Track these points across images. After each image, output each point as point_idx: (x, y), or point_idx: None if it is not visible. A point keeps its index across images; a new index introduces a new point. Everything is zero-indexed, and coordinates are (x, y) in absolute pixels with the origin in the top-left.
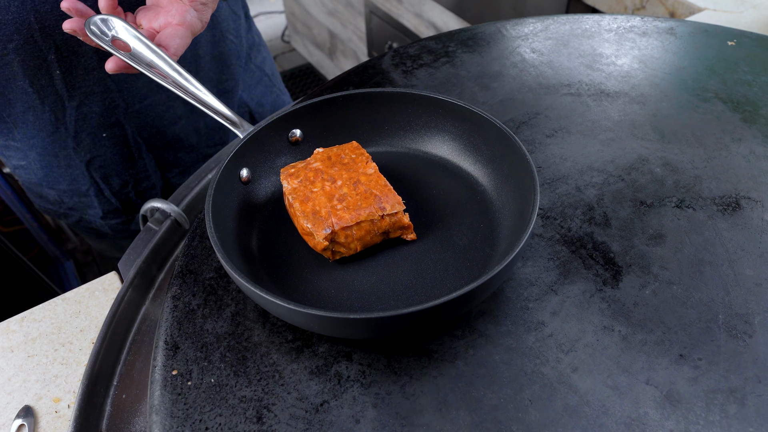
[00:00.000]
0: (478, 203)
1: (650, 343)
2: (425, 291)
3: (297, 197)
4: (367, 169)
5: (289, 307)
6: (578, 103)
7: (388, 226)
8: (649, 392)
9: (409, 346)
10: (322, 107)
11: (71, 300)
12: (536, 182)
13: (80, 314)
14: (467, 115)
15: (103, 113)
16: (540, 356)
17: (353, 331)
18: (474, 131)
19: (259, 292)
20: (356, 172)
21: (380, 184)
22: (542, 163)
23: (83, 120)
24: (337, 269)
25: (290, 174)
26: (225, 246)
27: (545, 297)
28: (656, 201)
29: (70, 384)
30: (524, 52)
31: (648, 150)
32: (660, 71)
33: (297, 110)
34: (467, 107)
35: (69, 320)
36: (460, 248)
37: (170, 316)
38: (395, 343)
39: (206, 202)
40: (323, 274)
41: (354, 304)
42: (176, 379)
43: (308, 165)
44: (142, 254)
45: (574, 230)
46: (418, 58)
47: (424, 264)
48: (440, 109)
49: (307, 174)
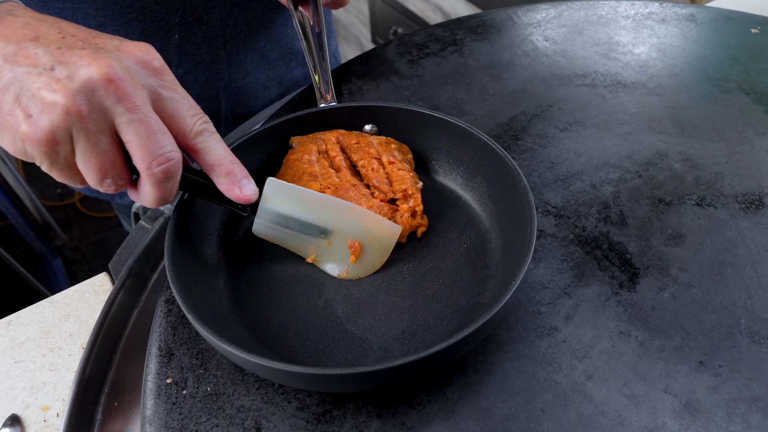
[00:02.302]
0: (466, 220)
1: (669, 350)
2: (412, 332)
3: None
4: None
5: (255, 362)
6: (593, 94)
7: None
8: (667, 401)
9: None
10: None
11: (60, 303)
12: (533, 207)
13: (69, 317)
14: (451, 128)
15: (205, 84)
16: (553, 363)
17: (330, 387)
18: (458, 144)
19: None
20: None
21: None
22: (555, 159)
23: (184, 88)
24: (317, 308)
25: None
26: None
27: (558, 300)
28: (675, 199)
29: (59, 391)
30: (537, 40)
31: (667, 144)
32: (680, 60)
33: (282, 123)
34: (447, 119)
35: (57, 324)
36: (450, 276)
37: (164, 321)
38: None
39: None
40: (303, 315)
41: (335, 352)
42: (171, 388)
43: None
44: (134, 254)
45: (588, 230)
46: (425, 46)
47: (415, 295)
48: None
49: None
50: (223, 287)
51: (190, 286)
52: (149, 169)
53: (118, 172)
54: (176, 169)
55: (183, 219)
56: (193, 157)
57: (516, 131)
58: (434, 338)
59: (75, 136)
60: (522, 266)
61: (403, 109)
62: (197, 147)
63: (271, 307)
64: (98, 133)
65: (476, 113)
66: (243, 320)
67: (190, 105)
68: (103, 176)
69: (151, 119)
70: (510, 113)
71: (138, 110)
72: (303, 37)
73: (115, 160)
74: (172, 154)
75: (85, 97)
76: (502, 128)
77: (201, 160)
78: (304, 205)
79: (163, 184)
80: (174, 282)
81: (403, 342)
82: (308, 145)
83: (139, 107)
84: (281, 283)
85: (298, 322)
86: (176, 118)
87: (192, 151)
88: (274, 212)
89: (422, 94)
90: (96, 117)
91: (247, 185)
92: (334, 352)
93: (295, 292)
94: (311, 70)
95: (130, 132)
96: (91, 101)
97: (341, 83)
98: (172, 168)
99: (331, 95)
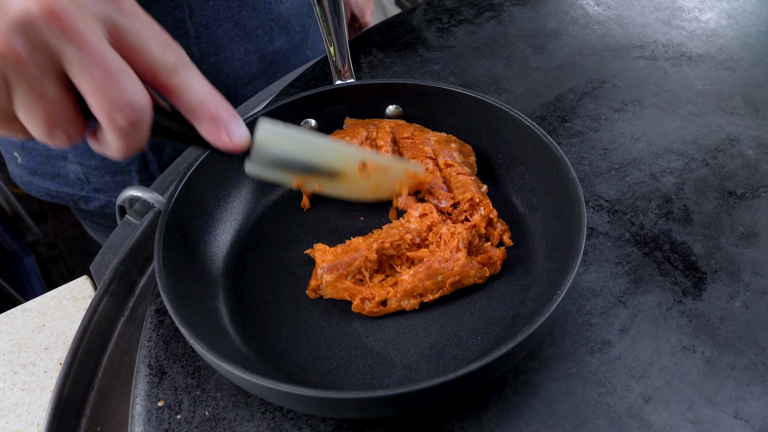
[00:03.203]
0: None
1: (740, 368)
2: (441, 348)
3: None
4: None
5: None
6: (653, 68)
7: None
8: (738, 427)
9: None
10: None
11: (33, 311)
12: (582, 203)
13: (45, 328)
14: (487, 109)
15: None
16: (605, 383)
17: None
18: (496, 128)
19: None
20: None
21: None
22: (609, 144)
23: None
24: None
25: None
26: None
27: (612, 310)
28: (748, 191)
29: (33, 414)
30: (587, 4)
31: (738, 127)
32: (753, 29)
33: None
34: (486, 100)
35: (31, 336)
36: (486, 282)
37: (154, 335)
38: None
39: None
40: (315, 328)
41: (352, 371)
42: (163, 412)
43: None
44: (119, 254)
45: (647, 228)
46: (457, 12)
47: (444, 305)
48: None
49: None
50: (222, 295)
51: (183, 295)
52: (110, 118)
53: (70, 121)
54: (144, 116)
55: (176, 215)
56: (167, 98)
57: (563, 112)
58: (467, 355)
59: (13, 83)
60: (569, 271)
61: (432, 87)
62: (170, 86)
63: (277, 318)
64: (42, 77)
65: (517, 91)
66: (245, 334)
67: (157, 33)
68: (51, 127)
69: (108, 57)
70: (556, 91)
71: (91, 48)
72: (317, 1)
73: (65, 108)
74: (138, 98)
75: (23, 36)
76: (546, 108)
77: (177, 102)
78: (307, 148)
79: (130, 135)
80: (165, 290)
81: (431, 360)
82: (358, 128)
83: (91, 43)
84: (289, 290)
85: (308, 336)
86: (141, 52)
87: (164, 90)
88: (271, 155)
89: (454, 69)
90: (38, 59)
91: (236, 129)
92: (351, 370)
93: (305, 301)
94: (326, 41)
95: (83, 76)
96: (30, 40)
97: (360, 55)
98: (138, 115)
99: (348, 70)
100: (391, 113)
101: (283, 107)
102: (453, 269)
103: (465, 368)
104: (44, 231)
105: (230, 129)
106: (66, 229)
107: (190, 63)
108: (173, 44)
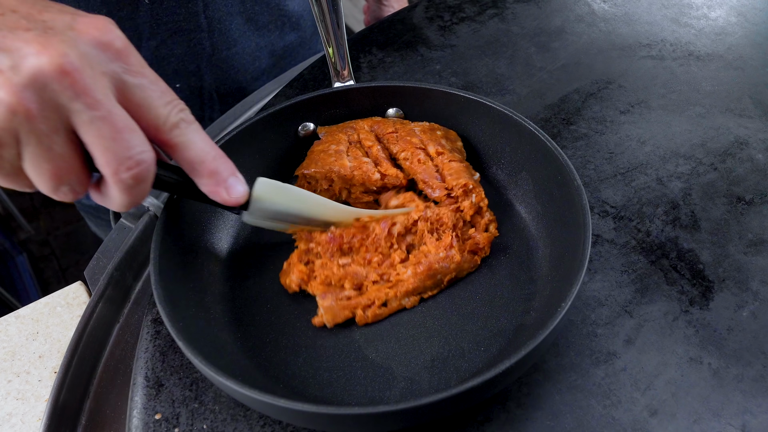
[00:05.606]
0: (507, 225)
1: (748, 380)
2: (443, 360)
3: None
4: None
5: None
6: (660, 68)
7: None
8: None
9: None
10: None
11: (27, 318)
12: (587, 210)
13: (39, 336)
14: (490, 113)
15: (184, 58)
16: (611, 396)
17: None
18: (499, 133)
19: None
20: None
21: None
22: (615, 148)
23: (159, 64)
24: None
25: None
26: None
27: (617, 320)
28: (757, 197)
29: (27, 424)
30: (593, 1)
31: (747, 130)
32: (763, 27)
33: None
34: (489, 104)
35: (25, 344)
36: (489, 292)
37: (151, 346)
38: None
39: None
40: (314, 338)
41: (352, 383)
42: (160, 425)
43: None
44: (113, 259)
45: (654, 234)
46: (459, 9)
47: (446, 315)
48: (465, 108)
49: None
50: (219, 304)
51: (180, 304)
52: (116, 174)
53: (76, 176)
54: (148, 172)
55: (172, 221)
56: (169, 154)
57: (568, 114)
58: (470, 367)
59: (23, 138)
60: (575, 280)
61: (433, 90)
62: (173, 142)
63: (276, 328)
64: (51, 134)
65: (520, 92)
66: (243, 344)
67: (163, 91)
68: (59, 183)
69: (115, 115)
70: (561, 92)
71: (100, 106)
72: (315, 1)
73: (72, 164)
74: (143, 155)
75: (35, 93)
76: (550, 110)
77: (179, 157)
78: (303, 205)
79: (133, 189)
80: (161, 301)
81: (433, 372)
82: (337, 134)
83: (100, 102)
84: (288, 299)
85: (308, 347)
86: (146, 108)
87: (167, 146)
88: (268, 210)
89: (455, 68)
90: (48, 116)
91: (235, 186)
92: (351, 383)
93: (305, 311)
94: (324, 42)
95: (91, 132)
96: (41, 98)
97: (359, 55)
98: (143, 172)
99: (347, 71)
100: (392, 116)
101: (281, 111)
102: (450, 267)
103: (468, 383)
104: (36, 229)
105: (229, 186)
106: (59, 227)
107: (192, 119)
108: (177, 101)
